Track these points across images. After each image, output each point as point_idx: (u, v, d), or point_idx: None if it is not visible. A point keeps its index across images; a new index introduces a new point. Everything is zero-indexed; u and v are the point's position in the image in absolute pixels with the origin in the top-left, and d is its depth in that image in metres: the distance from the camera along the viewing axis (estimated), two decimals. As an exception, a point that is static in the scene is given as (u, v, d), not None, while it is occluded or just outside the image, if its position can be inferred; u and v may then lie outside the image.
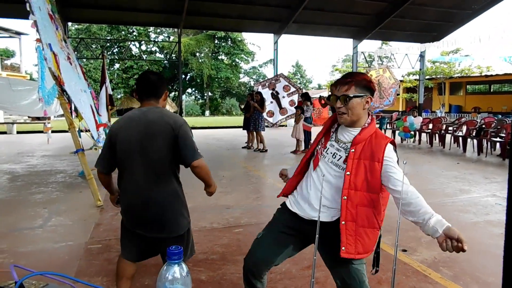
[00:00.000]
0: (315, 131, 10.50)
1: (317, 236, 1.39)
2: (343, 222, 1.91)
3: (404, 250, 3.71)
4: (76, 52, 20.16)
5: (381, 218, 2.06)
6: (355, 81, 1.94)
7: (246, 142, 12.30)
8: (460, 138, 11.45)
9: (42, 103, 4.64)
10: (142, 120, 2.22)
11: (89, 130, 5.50)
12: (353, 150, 1.95)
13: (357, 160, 1.93)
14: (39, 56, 4.63)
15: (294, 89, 16.95)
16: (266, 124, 17.31)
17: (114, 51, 41.53)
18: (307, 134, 10.82)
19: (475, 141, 10.95)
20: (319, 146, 2.12)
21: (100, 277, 3.09)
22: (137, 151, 2.19)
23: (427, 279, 3.09)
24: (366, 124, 2.00)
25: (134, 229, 2.28)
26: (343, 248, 1.89)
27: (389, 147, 1.95)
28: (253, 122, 11.45)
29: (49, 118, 14.63)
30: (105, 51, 34.64)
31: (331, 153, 2.04)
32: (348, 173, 1.92)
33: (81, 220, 4.67)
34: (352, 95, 1.93)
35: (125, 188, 2.28)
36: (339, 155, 2.01)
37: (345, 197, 1.91)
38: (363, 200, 1.93)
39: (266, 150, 11.16)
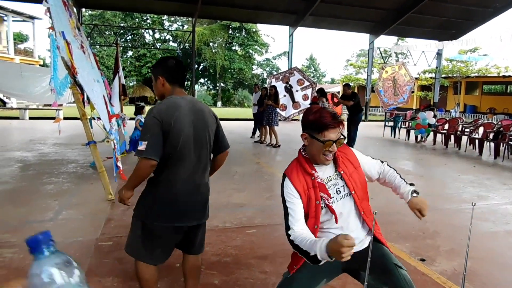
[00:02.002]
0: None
1: (369, 259, 1.42)
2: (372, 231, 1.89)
3: (423, 260, 3.56)
4: (89, 39, 20.14)
5: None
6: (340, 119, 2.01)
7: (258, 137, 12.17)
8: (477, 141, 11.18)
9: (54, 94, 4.54)
10: (192, 109, 2.28)
11: (100, 119, 5.40)
12: (342, 171, 2.05)
13: (350, 177, 2.05)
14: (52, 45, 4.53)
15: (308, 83, 16.79)
16: (278, 118, 17.22)
17: (128, 38, 41.57)
18: None
19: (491, 144, 10.69)
20: (325, 201, 1.98)
21: (111, 277, 3.01)
22: (193, 140, 2.25)
23: (448, 293, 2.95)
24: None
25: (173, 223, 2.26)
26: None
27: (353, 150, 2.18)
28: (266, 117, 11.30)
29: (61, 105, 14.65)
30: (119, 39, 34.70)
31: (335, 191, 2.04)
32: (353, 192, 2.03)
33: (92, 215, 4.60)
34: (342, 136, 2.02)
35: (174, 177, 2.24)
36: (340, 185, 2.06)
37: (363, 212, 2.05)
38: (368, 202, 2.13)
39: (279, 146, 11.02)
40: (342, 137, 2.00)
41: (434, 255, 3.68)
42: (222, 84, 46.66)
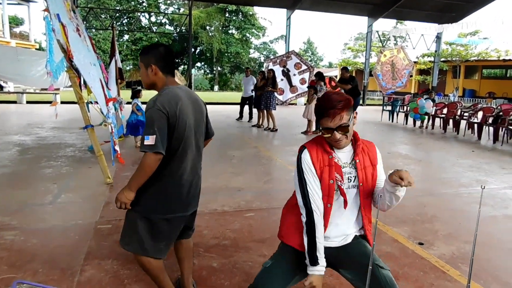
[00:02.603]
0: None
1: (370, 267, 1.36)
2: (366, 230, 2.07)
3: (421, 244, 3.58)
4: (85, 22, 19.90)
5: None
6: (344, 107, 1.90)
7: (256, 121, 12.18)
8: (476, 125, 11.15)
9: (50, 77, 4.51)
10: (190, 100, 2.26)
11: (97, 102, 5.38)
12: (358, 160, 2.03)
13: (364, 169, 2.03)
14: (47, 27, 4.49)
15: (306, 67, 16.72)
16: (276, 102, 17.19)
17: (124, 22, 41.09)
18: None
19: (490, 128, 10.67)
20: (339, 183, 2.00)
21: (110, 259, 3.04)
22: (193, 131, 2.25)
23: (445, 276, 2.96)
24: (352, 136, 2.05)
25: (180, 214, 2.28)
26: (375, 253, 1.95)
27: (377, 149, 2.12)
28: (264, 101, 11.30)
29: (57, 89, 14.56)
30: (115, 22, 34.31)
31: (348, 179, 2.03)
32: (361, 184, 2.02)
33: (91, 198, 4.61)
34: (348, 122, 1.92)
35: (179, 169, 2.21)
36: (353, 175, 2.04)
37: (363, 208, 2.08)
38: (370, 201, 2.11)
39: (276, 130, 11.03)
40: (344, 124, 1.90)
41: (432, 239, 3.70)
42: (219, 68, 46.36)
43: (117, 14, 37.46)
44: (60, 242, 3.35)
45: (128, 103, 8.05)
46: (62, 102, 14.07)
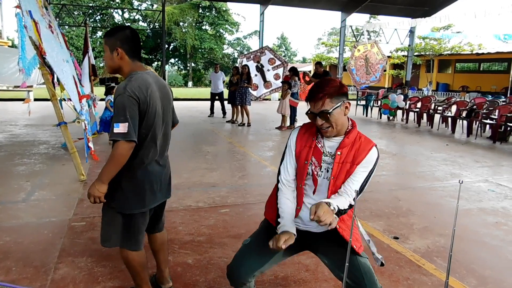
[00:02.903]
0: (301, 106, 10.36)
1: (346, 264, 1.35)
2: (337, 226, 1.93)
3: (396, 238, 3.60)
4: (57, 19, 19.44)
5: None
6: (328, 93, 1.89)
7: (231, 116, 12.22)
8: (449, 119, 11.18)
9: (23, 74, 4.46)
10: (158, 86, 2.19)
11: (71, 99, 5.34)
12: (339, 153, 1.97)
13: (341, 164, 1.96)
14: (19, 24, 4.43)
15: (280, 62, 16.78)
16: (251, 97, 17.23)
17: (97, 18, 40.26)
18: (294, 109, 10.76)
19: (464, 122, 10.71)
20: (312, 167, 2.02)
21: (84, 257, 3.03)
22: (161, 117, 2.19)
23: (421, 270, 2.99)
24: (350, 127, 2.01)
25: (151, 205, 2.25)
26: (354, 247, 1.96)
27: (373, 152, 1.98)
28: (239, 96, 11.34)
29: (31, 87, 14.22)
30: (88, 19, 33.56)
31: (325, 169, 2.02)
32: (333, 177, 1.97)
33: (65, 195, 4.59)
34: (330, 109, 1.89)
35: (148, 158, 2.16)
36: (330, 168, 2.00)
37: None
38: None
39: (250, 125, 11.13)
40: (325, 110, 1.88)
41: (407, 233, 3.71)
42: (193, 64, 45.97)
43: (90, 11, 36.56)
44: (34, 239, 3.33)
45: (102, 99, 7.99)
46: (35, 99, 13.73)
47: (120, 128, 1.93)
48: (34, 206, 4.20)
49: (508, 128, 9.37)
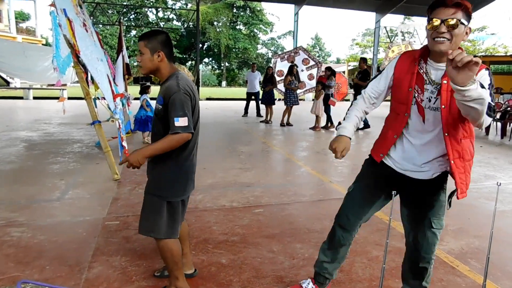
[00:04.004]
0: (338, 106, 10.27)
1: (387, 241, 1.39)
2: (452, 162, 1.90)
3: None
4: (92, 18, 19.89)
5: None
6: (463, 5, 1.75)
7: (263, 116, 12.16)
8: (483, 120, 11.11)
9: (57, 72, 4.47)
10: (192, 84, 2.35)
11: (105, 98, 5.35)
12: (445, 81, 1.82)
13: (450, 92, 1.78)
14: (53, 22, 4.44)
15: (314, 63, 16.57)
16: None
17: (131, 17, 41.13)
18: (329, 109, 10.57)
19: (498, 123, 10.68)
20: (416, 94, 1.94)
21: (118, 256, 2.99)
22: (198, 113, 2.36)
23: (455, 272, 2.93)
24: None
25: (188, 194, 2.41)
26: (458, 189, 1.95)
27: (483, 72, 1.81)
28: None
29: (65, 85, 14.57)
30: (122, 18, 34.33)
31: (427, 98, 1.92)
32: (443, 106, 1.84)
33: (99, 194, 4.58)
34: (461, 20, 1.74)
35: (192, 150, 2.34)
36: (435, 98, 1.90)
37: (447, 134, 1.88)
38: (464, 132, 1.91)
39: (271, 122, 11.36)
40: (453, 19, 1.72)
41: (442, 234, 3.53)
42: (226, 64, 46.29)
43: (124, 10, 37.42)
44: (68, 238, 3.31)
45: (136, 98, 8.03)
46: (69, 98, 14.12)
47: (180, 122, 2.11)
48: (68, 205, 4.20)
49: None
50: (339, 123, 2.17)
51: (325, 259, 2.40)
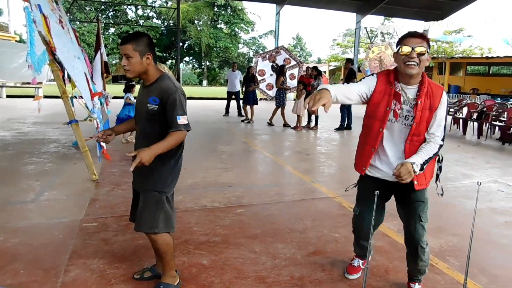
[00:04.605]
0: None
1: (370, 241, 1.78)
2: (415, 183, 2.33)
3: None
4: (68, 15, 19.48)
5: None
6: (426, 38, 2.23)
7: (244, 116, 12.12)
8: (461, 120, 11.35)
9: (32, 70, 4.32)
10: None
11: (82, 97, 5.22)
12: (419, 101, 2.25)
13: (421, 112, 2.26)
14: (28, 19, 4.27)
15: (295, 63, 16.66)
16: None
17: (109, 14, 40.54)
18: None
19: (475, 123, 10.89)
20: (393, 113, 2.31)
21: (96, 258, 2.92)
22: None
23: (434, 269, 2.97)
24: (421, 77, 2.29)
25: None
26: (415, 182, 2.33)
27: (444, 96, 2.29)
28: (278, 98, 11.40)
29: (40, 83, 14.21)
30: (100, 15, 33.79)
31: (404, 116, 2.31)
32: (415, 124, 2.27)
33: (76, 195, 4.47)
34: (424, 51, 2.19)
35: (183, 147, 2.47)
36: (410, 116, 2.30)
37: (408, 142, 2.32)
38: (422, 139, 2.33)
39: (252, 122, 11.46)
40: (422, 48, 2.17)
41: None
42: (207, 63, 46.06)
43: (103, 7, 36.82)
44: (43, 241, 3.22)
45: (115, 97, 7.87)
46: (44, 96, 13.73)
47: (182, 120, 2.25)
48: (44, 207, 4.08)
49: (517, 130, 9.68)
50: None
51: (358, 251, 2.88)
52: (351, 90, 2.36)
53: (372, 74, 2.42)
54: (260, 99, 13.83)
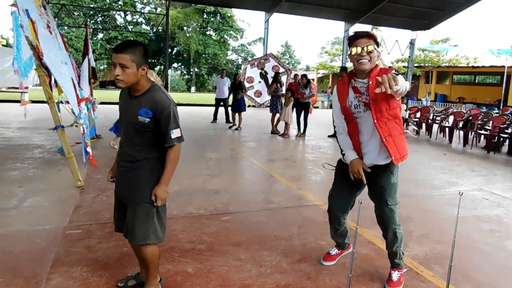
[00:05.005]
0: (313, 113, 10.20)
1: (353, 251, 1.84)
2: (384, 139, 2.51)
3: None
4: (56, 19, 19.34)
5: (401, 123, 2.65)
6: (374, 38, 2.48)
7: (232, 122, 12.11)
8: (447, 129, 11.48)
9: (18, 75, 4.28)
10: None
11: (68, 102, 5.17)
12: (370, 82, 2.45)
13: (373, 90, 2.36)
14: (15, 23, 4.24)
15: (283, 70, 16.74)
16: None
17: (98, 20, 40.38)
18: (307, 116, 10.61)
19: (461, 132, 11.03)
20: (354, 100, 2.59)
21: (79, 266, 2.88)
22: None
23: (419, 277, 3.00)
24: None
25: None
26: (393, 157, 2.55)
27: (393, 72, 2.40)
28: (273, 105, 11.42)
29: (26, 88, 14.03)
30: (88, 20, 33.61)
31: (364, 102, 2.54)
32: (371, 101, 2.46)
33: (60, 201, 4.40)
34: (372, 49, 2.45)
35: None
36: (363, 100, 2.54)
37: (375, 120, 2.50)
38: (389, 117, 2.52)
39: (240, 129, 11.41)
40: (372, 47, 2.43)
41: (406, 240, 3.65)
42: (196, 69, 46.02)
43: (91, 12, 36.69)
44: (25, 248, 3.16)
45: (102, 103, 7.81)
46: (31, 101, 13.55)
47: (175, 133, 2.25)
48: (27, 213, 4.01)
49: (501, 139, 9.80)
50: (343, 155, 2.78)
51: (334, 237, 3.12)
52: (340, 120, 2.73)
53: (333, 87, 2.75)
54: (248, 106, 13.83)
